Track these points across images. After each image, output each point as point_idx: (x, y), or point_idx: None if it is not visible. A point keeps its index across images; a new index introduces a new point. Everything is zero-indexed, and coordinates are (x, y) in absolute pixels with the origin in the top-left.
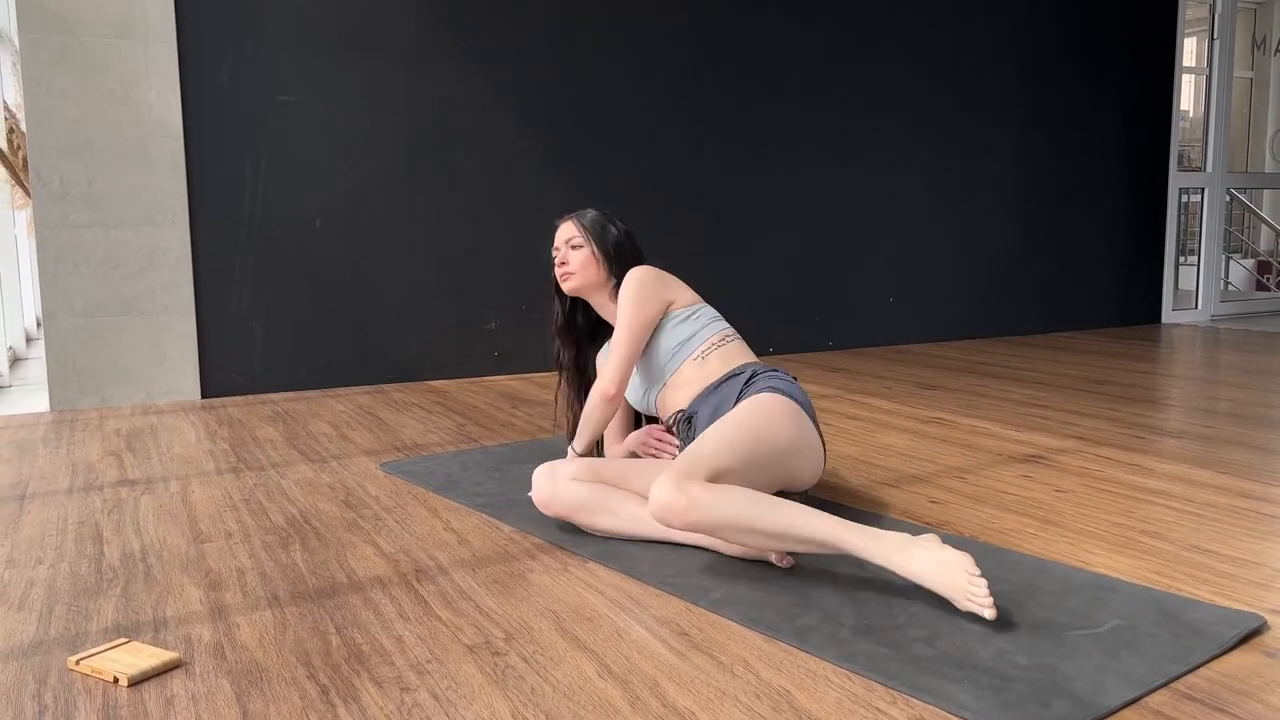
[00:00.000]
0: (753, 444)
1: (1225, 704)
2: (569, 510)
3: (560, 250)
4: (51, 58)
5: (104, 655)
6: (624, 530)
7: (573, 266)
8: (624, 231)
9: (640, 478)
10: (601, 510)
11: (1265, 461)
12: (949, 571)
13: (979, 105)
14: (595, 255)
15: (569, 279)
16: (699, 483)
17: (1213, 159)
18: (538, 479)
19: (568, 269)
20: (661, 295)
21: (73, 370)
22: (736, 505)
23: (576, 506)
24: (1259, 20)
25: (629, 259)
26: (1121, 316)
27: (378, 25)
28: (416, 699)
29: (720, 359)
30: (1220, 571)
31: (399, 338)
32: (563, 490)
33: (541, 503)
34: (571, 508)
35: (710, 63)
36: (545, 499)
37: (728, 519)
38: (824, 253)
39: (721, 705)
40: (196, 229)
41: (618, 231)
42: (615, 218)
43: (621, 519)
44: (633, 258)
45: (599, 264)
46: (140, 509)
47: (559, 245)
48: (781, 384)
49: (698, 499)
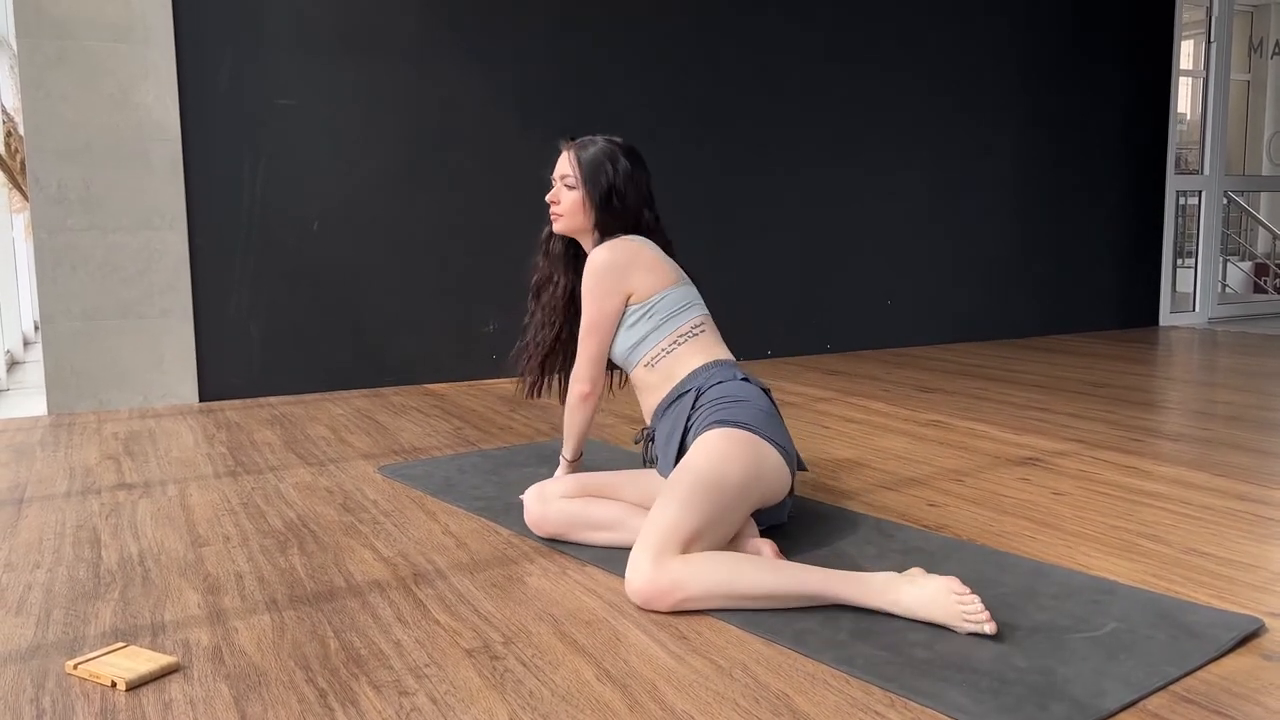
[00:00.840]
0: (714, 495)
1: (1223, 707)
2: (561, 529)
3: (555, 184)
4: (49, 61)
5: (102, 659)
6: (620, 544)
7: (562, 208)
8: (624, 176)
9: (631, 488)
10: (594, 527)
11: (1263, 464)
12: (939, 599)
13: (976, 109)
14: (584, 202)
15: (558, 220)
16: (677, 557)
17: (1210, 162)
18: (528, 501)
19: (557, 209)
20: (621, 287)
21: (70, 374)
22: (718, 575)
23: (569, 525)
24: (1256, 23)
25: (617, 216)
26: (1119, 319)
27: (376, 27)
28: (415, 702)
29: (668, 366)
30: (1218, 574)
31: (397, 341)
32: (553, 510)
33: (533, 524)
34: (564, 526)
35: (710, 63)
36: (536, 520)
37: (713, 591)
38: (822, 255)
39: (720, 708)
40: (194, 232)
41: (614, 176)
42: (623, 152)
43: (615, 533)
44: (621, 216)
45: (586, 212)
46: (138, 513)
47: (555, 178)
48: (725, 412)
49: (680, 578)
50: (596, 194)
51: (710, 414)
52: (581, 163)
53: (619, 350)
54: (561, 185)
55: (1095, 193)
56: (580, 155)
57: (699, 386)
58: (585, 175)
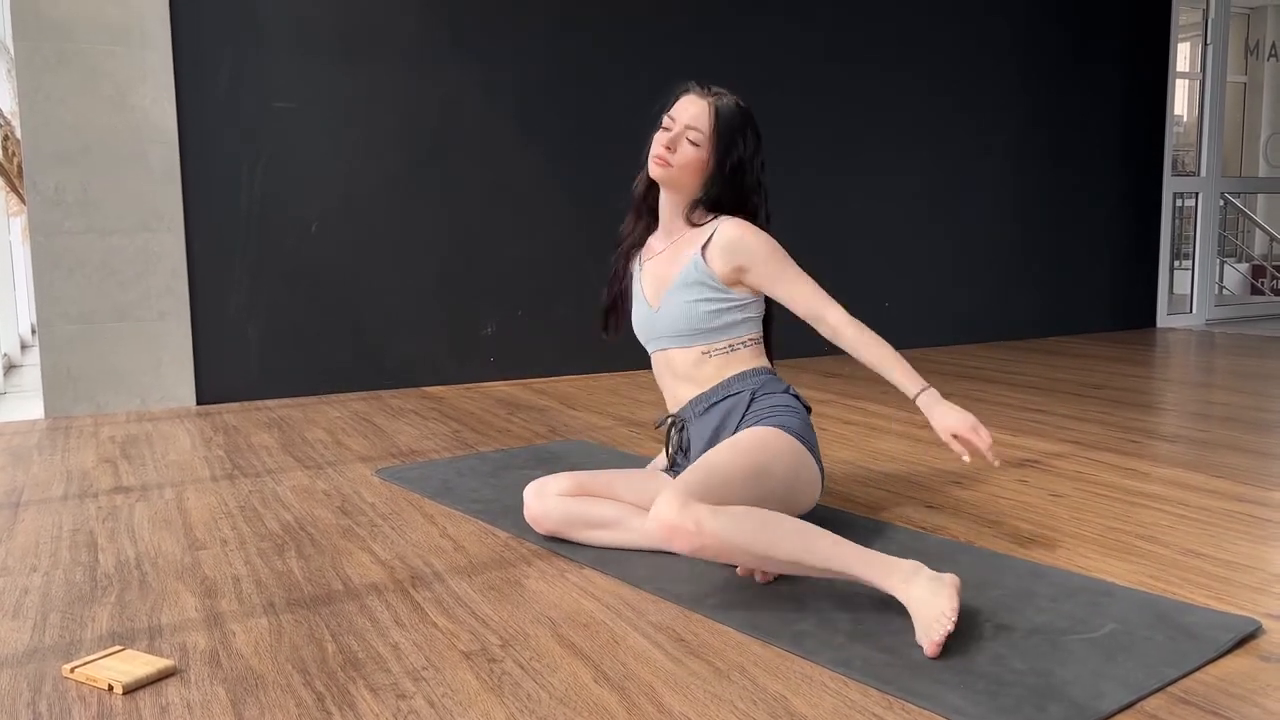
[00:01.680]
0: (754, 479)
1: (1221, 708)
2: (560, 527)
3: (675, 129)
4: (47, 64)
5: (99, 663)
6: (618, 543)
7: (676, 160)
8: (753, 150)
9: (627, 488)
10: (593, 525)
11: (1260, 465)
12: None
13: (975, 110)
14: (706, 165)
15: (663, 168)
16: (704, 505)
17: (1207, 163)
18: (527, 497)
19: (669, 158)
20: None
21: (67, 377)
22: (744, 530)
23: (567, 523)
24: (1252, 25)
25: (734, 193)
26: (1116, 321)
27: (375, 28)
28: (412, 705)
29: (724, 362)
30: (1215, 575)
31: (395, 343)
32: (552, 507)
33: (532, 520)
34: (562, 524)
35: (709, 64)
36: (536, 517)
37: (736, 545)
38: (819, 256)
39: (718, 711)
40: (192, 235)
41: (744, 149)
42: (752, 122)
43: (614, 533)
44: (737, 193)
45: (702, 177)
46: (135, 516)
47: (677, 124)
48: (784, 418)
49: (704, 524)
50: (727, 165)
51: (765, 416)
52: (720, 121)
53: (698, 321)
54: (685, 135)
55: (1093, 194)
56: (720, 110)
57: (754, 390)
58: (721, 139)
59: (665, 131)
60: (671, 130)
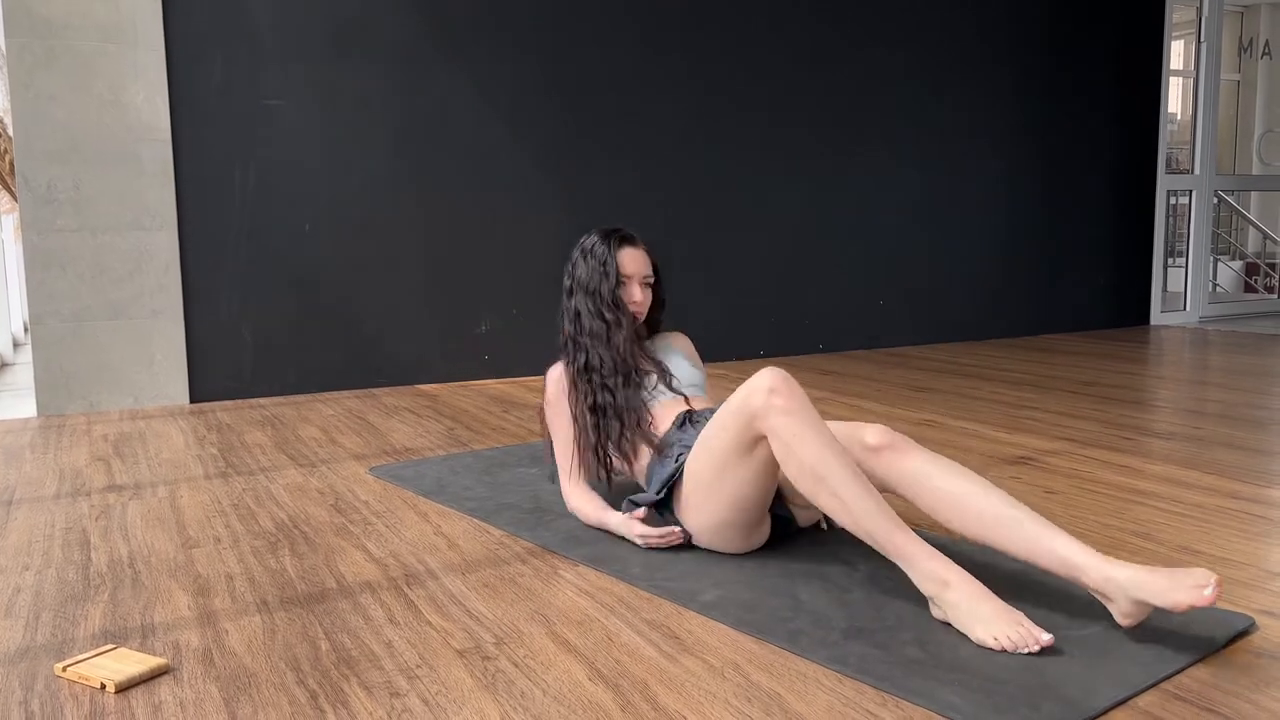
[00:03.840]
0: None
1: (1214, 704)
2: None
3: (631, 282)
4: (39, 62)
5: (91, 661)
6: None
7: (644, 304)
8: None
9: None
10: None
11: (1253, 462)
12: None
13: (968, 108)
14: (654, 296)
15: (640, 314)
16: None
17: (1200, 161)
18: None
19: (640, 306)
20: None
21: (60, 375)
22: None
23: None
24: (1246, 23)
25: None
26: (1110, 318)
27: (366, 28)
28: (406, 704)
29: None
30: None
31: (389, 341)
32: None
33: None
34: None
35: (702, 64)
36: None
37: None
38: (815, 256)
39: (712, 708)
40: (185, 233)
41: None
42: None
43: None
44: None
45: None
46: (128, 514)
47: (637, 278)
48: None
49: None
50: (663, 289)
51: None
52: (655, 261)
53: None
54: (641, 283)
55: (1086, 192)
56: (649, 251)
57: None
58: (658, 274)
59: (626, 285)
60: (632, 283)
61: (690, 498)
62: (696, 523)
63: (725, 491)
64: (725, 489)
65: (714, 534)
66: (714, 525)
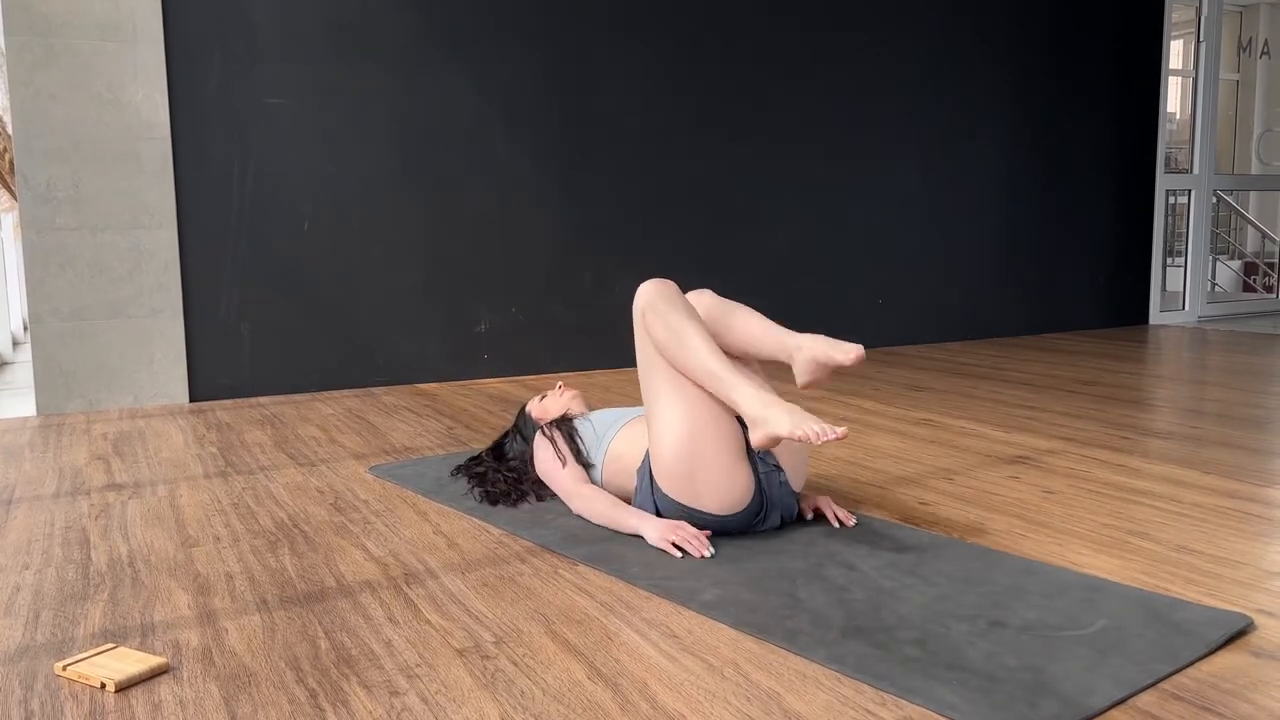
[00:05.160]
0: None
1: (1212, 704)
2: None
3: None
4: (38, 60)
5: (91, 661)
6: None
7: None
8: None
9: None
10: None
11: (1252, 462)
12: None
13: (967, 107)
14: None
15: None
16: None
17: (1199, 161)
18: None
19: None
20: None
21: (59, 374)
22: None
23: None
24: (1245, 23)
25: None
26: (1109, 318)
27: (366, 25)
28: (406, 703)
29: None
30: (1207, 571)
31: (388, 340)
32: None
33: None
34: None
35: (701, 64)
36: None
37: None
38: (813, 256)
39: (711, 707)
40: (184, 232)
41: None
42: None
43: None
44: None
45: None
46: (128, 513)
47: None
48: None
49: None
50: None
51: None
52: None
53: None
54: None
55: (1085, 191)
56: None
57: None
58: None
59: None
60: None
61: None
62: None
63: (665, 393)
64: (664, 390)
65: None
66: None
